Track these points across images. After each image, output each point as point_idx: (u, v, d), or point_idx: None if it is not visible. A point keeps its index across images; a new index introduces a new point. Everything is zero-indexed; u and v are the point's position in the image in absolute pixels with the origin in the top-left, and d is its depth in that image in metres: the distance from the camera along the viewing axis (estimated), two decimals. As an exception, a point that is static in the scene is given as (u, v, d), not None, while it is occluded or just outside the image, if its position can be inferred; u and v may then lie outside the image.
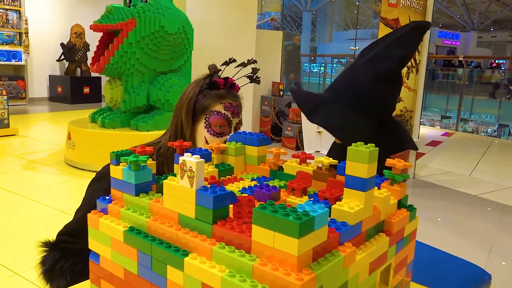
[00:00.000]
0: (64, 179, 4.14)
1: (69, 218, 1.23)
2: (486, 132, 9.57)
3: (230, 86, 1.26)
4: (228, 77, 1.26)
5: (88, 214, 0.74)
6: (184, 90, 1.26)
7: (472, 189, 4.52)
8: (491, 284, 1.50)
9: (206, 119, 1.21)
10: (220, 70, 1.26)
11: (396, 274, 0.74)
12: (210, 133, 1.20)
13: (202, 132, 1.21)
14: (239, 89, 1.30)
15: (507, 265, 2.84)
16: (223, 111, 1.21)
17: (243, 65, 1.31)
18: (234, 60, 1.28)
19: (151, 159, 0.75)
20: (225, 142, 1.15)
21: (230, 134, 1.18)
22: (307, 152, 0.87)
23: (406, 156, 4.43)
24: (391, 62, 1.14)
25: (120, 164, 0.72)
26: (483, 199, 4.24)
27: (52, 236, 1.22)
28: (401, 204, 0.76)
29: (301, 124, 5.79)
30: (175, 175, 0.69)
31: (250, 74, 1.31)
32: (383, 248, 0.68)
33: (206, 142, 1.21)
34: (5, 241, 2.78)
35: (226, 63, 1.27)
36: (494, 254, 2.96)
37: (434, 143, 7.16)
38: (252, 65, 1.31)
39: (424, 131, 7.97)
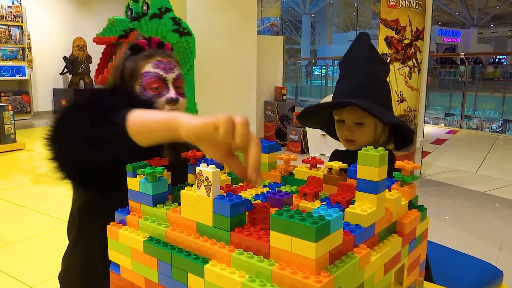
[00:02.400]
0: (73, 191, 4.17)
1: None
2: (491, 128, 9.53)
3: (158, 46, 1.18)
4: (151, 37, 1.18)
5: (108, 226, 0.75)
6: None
7: (480, 186, 4.51)
8: (503, 281, 1.50)
9: (140, 84, 1.12)
10: (143, 36, 1.18)
11: (409, 274, 0.76)
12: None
13: None
14: (172, 49, 1.22)
15: (518, 261, 2.83)
16: (152, 70, 1.12)
17: (158, 16, 1.28)
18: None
19: (166, 170, 0.77)
20: (170, 102, 1.10)
21: (173, 94, 1.11)
22: (312, 156, 0.89)
23: (412, 156, 4.43)
24: (386, 63, 1.37)
25: (137, 176, 0.74)
26: (491, 196, 4.23)
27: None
28: (411, 204, 0.78)
29: (305, 128, 5.81)
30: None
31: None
32: (397, 249, 0.69)
33: None
34: (18, 254, 2.80)
35: None
36: (505, 250, 2.96)
37: (439, 141, 7.15)
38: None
39: (428, 130, 7.95)
